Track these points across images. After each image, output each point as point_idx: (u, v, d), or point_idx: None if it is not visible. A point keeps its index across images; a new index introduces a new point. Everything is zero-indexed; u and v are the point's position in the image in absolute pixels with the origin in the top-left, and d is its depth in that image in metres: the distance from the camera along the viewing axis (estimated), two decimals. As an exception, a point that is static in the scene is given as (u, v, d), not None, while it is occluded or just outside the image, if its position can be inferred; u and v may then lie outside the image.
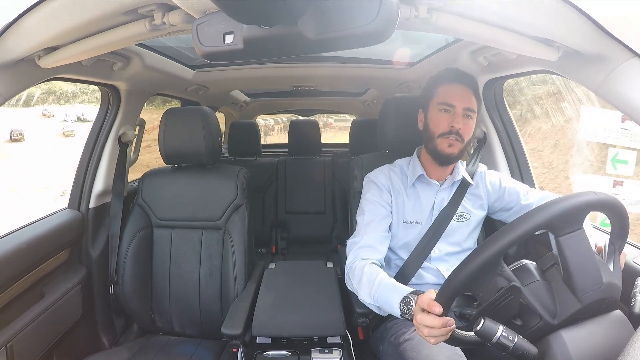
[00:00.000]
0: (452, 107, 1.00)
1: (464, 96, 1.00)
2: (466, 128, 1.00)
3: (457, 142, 1.00)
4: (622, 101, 0.70)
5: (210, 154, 1.29)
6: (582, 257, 0.59)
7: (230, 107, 2.98)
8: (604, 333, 0.58)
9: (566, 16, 0.67)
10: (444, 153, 1.01)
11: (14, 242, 1.03)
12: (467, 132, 1.00)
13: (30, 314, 1.05)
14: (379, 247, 1.01)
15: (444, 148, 1.01)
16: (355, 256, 0.99)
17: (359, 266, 0.96)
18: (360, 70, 1.82)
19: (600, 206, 0.61)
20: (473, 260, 0.59)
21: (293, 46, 0.62)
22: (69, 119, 12.63)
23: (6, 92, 0.83)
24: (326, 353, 0.98)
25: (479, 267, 0.59)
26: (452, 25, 0.78)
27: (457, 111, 0.99)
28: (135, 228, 1.28)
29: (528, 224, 0.58)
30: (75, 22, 0.75)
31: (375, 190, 1.08)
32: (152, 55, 1.34)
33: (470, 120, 1.01)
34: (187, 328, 1.30)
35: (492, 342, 0.57)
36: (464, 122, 0.99)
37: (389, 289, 0.84)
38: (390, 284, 0.86)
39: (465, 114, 1.00)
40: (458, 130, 0.99)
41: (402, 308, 0.76)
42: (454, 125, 0.99)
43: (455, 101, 1.00)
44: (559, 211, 0.58)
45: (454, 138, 0.99)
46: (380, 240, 1.02)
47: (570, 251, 0.59)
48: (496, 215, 1.14)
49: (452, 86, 1.02)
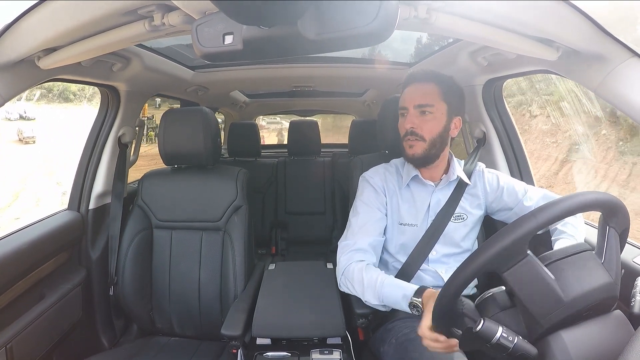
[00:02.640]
0: (405, 109, 1.02)
1: (416, 94, 1.01)
2: (423, 124, 1.00)
3: (416, 141, 1.00)
4: (622, 101, 0.70)
5: (210, 155, 1.29)
6: (531, 285, 0.58)
7: (229, 107, 2.98)
8: (603, 333, 0.58)
9: (565, 16, 0.67)
10: (408, 155, 1.03)
11: (14, 244, 1.03)
12: (426, 128, 1.00)
13: (30, 315, 1.05)
14: (372, 251, 1.01)
15: (407, 150, 1.02)
16: (349, 259, 0.99)
17: (357, 269, 0.96)
18: (360, 70, 1.82)
19: (537, 229, 0.59)
20: (456, 279, 0.61)
21: (292, 47, 0.62)
22: (10, 116, 11.90)
23: (6, 93, 0.83)
24: (326, 354, 0.98)
25: (462, 285, 0.61)
26: (451, 25, 0.78)
27: (410, 111, 1.01)
28: (135, 229, 1.28)
29: (472, 266, 0.59)
30: (74, 23, 0.74)
31: (370, 191, 1.08)
32: (152, 56, 1.34)
33: (429, 115, 1.00)
34: (186, 329, 1.30)
35: (492, 343, 0.57)
36: (420, 119, 1.00)
37: (393, 288, 0.88)
38: (394, 283, 0.90)
39: (420, 110, 1.00)
40: (412, 130, 1.00)
41: (412, 310, 0.83)
42: (406, 126, 1.01)
43: (406, 102, 1.02)
44: (494, 253, 0.57)
45: (412, 139, 1.00)
46: (374, 245, 1.02)
47: (517, 284, 0.58)
48: (497, 216, 1.13)
49: (407, 88, 1.04)
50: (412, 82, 1.04)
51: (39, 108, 12.34)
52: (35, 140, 11.36)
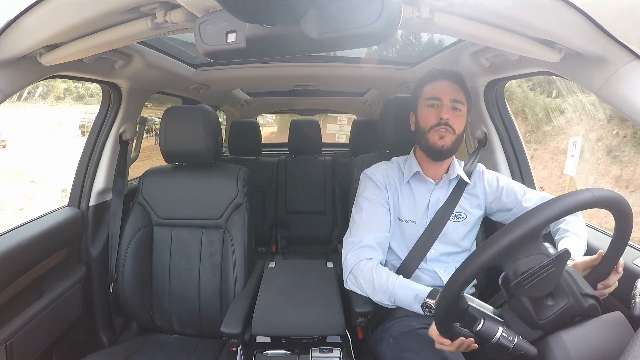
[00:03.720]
0: (439, 100, 1.02)
1: (449, 89, 1.02)
2: (455, 120, 1.00)
3: (448, 132, 1.00)
4: (624, 103, 0.70)
5: (210, 153, 1.29)
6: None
7: (231, 105, 2.97)
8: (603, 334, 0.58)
9: (568, 18, 0.67)
10: (436, 146, 1.01)
11: (13, 240, 1.03)
12: (457, 123, 1.01)
13: (29, 312, 1.05)
14: (380, 248, 1.01)
15: (436, 140, 1.01)
16: (356, 256, 0.99)
17: (367, 268, 0.96)
18: (362, 70, 1.82)
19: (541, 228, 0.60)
20: (455, 282, 0.61)
21: (295, 45, 0.62)
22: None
23: (7, 89, 0.83)
24: (325, 352, 0.98)
25: (461, 286, 0.61)
26: (454, 26, 0.78)
27: (445, 103, 1.01)
28: (136, 226, 1.28)
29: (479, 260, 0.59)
30: (76, 20, 0.74)
31: (372, 187, 1.08)
32: (154, 54, 1.33)
33: (459, 112, 1.01)
34: (186, 327, 1.30)
35: (492, 343, 0.58)
36: (452, 114, 1.00)
37: (405, 289, 0.91)
38: (405, 285, 0.92)
39: (453, 106, 1.00)
40: (447, 121, 0.99)
41: (426, 312, 0.85)
42: (442, 117, 1.00)
43: (441, 94, 1.02)
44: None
45: (444, 129, 1.00)
46: (380, 241, 1.02)
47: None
48: (495, 217, 1.13)
49: (437, 82, 1.04)
50: (442, 77, 1.04)
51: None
52: (5, 144, 10.82)
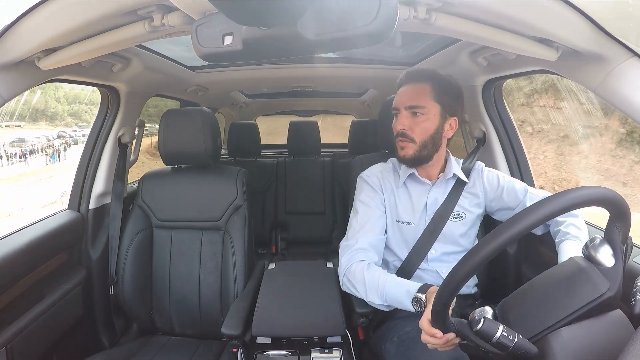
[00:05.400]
0: (397, 109, 1.03)
1: (407, 95, 1.01)
2: (414, 126, 1.00)
3: (407, 142, 1.00)
4: (622, 101, 0.70)
5: (210, 155, 1.29)
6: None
7: (229, 108, 2.98)
8: (604, 333, 0.58)
9: (565, 16, 0.67)
10: (399, 156, 1.04)
11: (14, 244, 1.03)
12: (417, 129, 1.00)
13: (30, 314, 1.05)
14: (373, 250, 1.01)
15: (399, 151, 1.03)
16: (350, 259, 0.99)
17: (358, 269, 0.96)
18: (360, 70, 1.82)
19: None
20: (456, 274, 0.60)
21: (292, 47, 0.62)
22: None
23: (6, 94, 0.83)
24: (326, 353, 0.98)
25: (462, 280, 0.60)
26: (451, 25, 0.78)
27: (401, 112, 1.01)
28: (135, 229, 1.28)
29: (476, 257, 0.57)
30: (74, 24, 0.75)
31: (368, 190, 1.08)
32: (152, 57, 1.34)
33: (420, 116, 0.99)
34: (187, 328, 1.30)
35: (492, 342, 0.57)
36: (411, 120, 1.00)
37: (396, 286, 0.89)
38: (396, 281, 0.90)
39: (412, 111, 1.00)
40: (402, 132, 1.00)
41: (415, 307, 0.83)
42: (396, 128, 1.02)
43: (398, 103, 1.02)
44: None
45: (402, 140, 1.01)
46: (374, 244, 1.01)
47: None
48: (497, 215, 1.12)
49: (401, 89, 1.05)
50: (406, 82, 1.04)
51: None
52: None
